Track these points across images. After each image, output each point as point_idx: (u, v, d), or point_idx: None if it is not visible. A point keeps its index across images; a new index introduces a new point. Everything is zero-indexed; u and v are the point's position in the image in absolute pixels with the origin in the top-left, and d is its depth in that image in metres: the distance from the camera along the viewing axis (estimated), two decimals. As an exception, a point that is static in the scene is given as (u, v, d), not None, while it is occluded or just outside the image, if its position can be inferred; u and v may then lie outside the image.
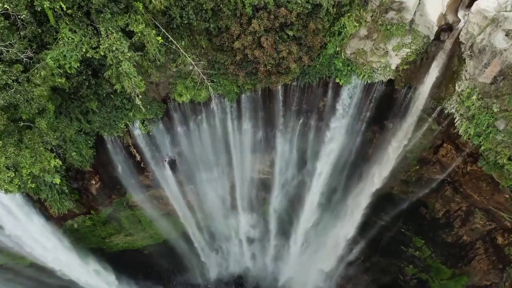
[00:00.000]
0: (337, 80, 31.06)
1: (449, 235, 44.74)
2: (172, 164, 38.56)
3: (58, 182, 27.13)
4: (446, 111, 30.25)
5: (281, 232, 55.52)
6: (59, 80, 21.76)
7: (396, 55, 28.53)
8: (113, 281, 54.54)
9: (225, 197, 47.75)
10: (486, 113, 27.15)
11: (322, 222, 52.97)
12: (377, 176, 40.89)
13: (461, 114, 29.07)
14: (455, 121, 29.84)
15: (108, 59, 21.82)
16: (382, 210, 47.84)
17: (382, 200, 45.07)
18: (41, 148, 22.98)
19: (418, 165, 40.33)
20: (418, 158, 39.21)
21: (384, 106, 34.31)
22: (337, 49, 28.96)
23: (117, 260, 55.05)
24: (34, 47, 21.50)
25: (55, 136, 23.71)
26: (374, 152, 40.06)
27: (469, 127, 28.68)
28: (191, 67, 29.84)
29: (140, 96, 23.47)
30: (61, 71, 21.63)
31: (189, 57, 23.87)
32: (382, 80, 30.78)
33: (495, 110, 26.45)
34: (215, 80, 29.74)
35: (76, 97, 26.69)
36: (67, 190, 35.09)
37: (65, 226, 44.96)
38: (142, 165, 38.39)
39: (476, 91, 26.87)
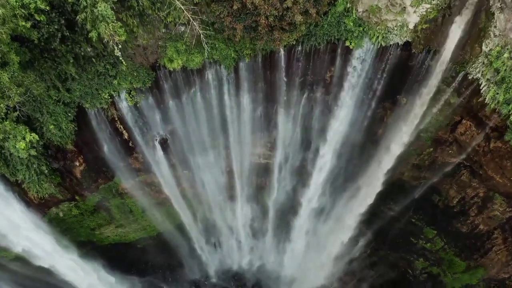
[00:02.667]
0: (347, 44, 27.73)
1: (464, 225, 41.64)
2: (164, 144, 35.14)
3: (22, 147, 23.62)
4: (470, 77, 26.99)
5: (283, 223, 52.11)
6: (23, 23, 18.39)
7: (415, 12, 25.25)
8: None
9: (222, 184, 44.27)
10: (519, 75, 23.81)
11: (326, 213, 49.61)
12: (387, 160, 37.65)
13: (488, 79, 25.78)
14: (480, 88, 26.50)
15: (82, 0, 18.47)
16: (391, 199, 44.60)
17: (391, 188, 41.87)
18: (1, 105, 19.64)
19: (432, 147, 37.11)
20: (433, 138, 36.00)
21: (398, 77, 31.03)
22: (348, 5, 25.64)
23: (109, 254, 51.52)
24: (-6, -15, 18.17)
25: (18, 92, 20.32)
26: (385, 133, 36.72)
27: (498, 93, 25.38)
28: (182, 28, 26.57)
29: (120, 46, 20.05)
30: (25, 12, 18.27)
31: (178, 1, 20.46)
32: (398, 43, 27.45)
33: (531, 70, 23.13)
34: (209, 42, 26.44)
35: (50, 56, 23.32)
36: (46, 171, 31.62)
37: (50, 215, 41.49)
38: (130, 144, 34.95)
39: (507, 49, 23.57)
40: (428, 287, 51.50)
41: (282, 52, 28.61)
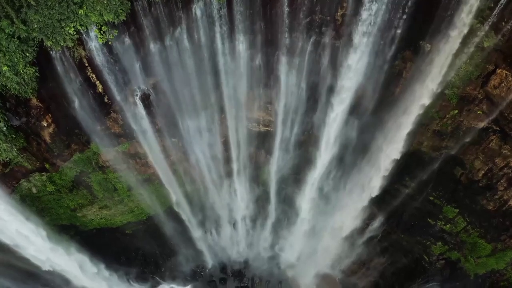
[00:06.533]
0: (365, -36, 22.72)
1: (491, 201, 37.53)
2: (146, 101, 30.01)
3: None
4: (515, 3, 21.97)
5: (284, 204, 47.31)
6: None
7: None
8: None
9: (217, 156, 39.25)
10: None
11: (332, 192, 44.75)
12: (405, 126, 32.87)
13: (540, 1, 20.77)
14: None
15: None
16: (407, 174, 40.18)
17: (407, 161, 37.06)
18: None
19: (457, 108, 32.50)
20: (459, 96, 31.31)
21: (422, 15, 26.29)
22: None
23: (94, 241, 46.67)
24: None
25: None
26: (403, 92, 31.88)
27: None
28: None
29: None
30: None
31: None
32: (427, -40, 22.46)
33: None
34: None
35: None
36: (4, 128, 26.68)
37: (21, 190, 36.71)
38: (106, 100, 29.87)
39: None
40: (445, 275, 46.48)
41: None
